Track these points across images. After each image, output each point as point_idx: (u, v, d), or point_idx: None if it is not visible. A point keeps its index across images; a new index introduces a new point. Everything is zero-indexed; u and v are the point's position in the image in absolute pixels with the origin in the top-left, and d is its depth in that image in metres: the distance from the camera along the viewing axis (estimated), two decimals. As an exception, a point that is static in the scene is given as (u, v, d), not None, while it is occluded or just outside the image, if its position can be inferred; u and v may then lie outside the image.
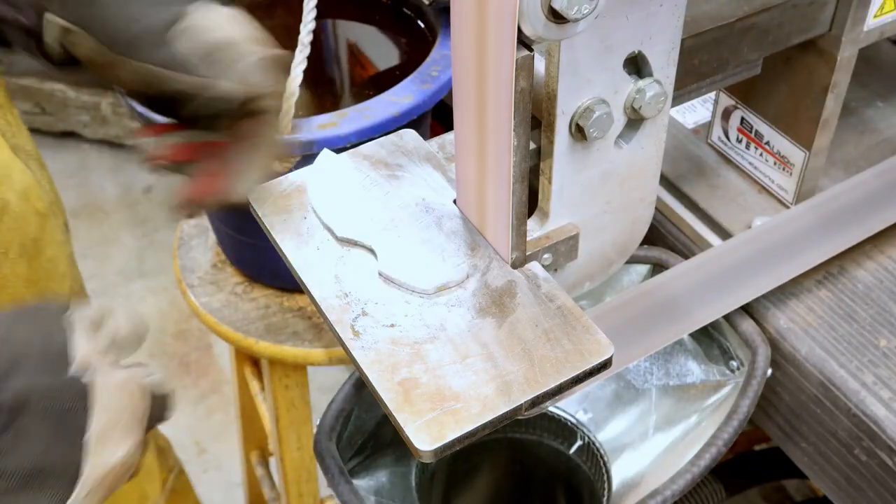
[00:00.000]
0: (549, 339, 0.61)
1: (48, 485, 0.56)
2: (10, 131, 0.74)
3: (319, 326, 1.26)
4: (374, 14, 1.26)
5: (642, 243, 0.79)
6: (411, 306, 0.64)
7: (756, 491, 1.63)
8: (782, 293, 0.88)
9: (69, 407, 0.57)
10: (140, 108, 0.88)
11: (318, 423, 0.89)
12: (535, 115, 0.64)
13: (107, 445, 0.58)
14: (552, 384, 0.59)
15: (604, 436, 0.97)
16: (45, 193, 0.78)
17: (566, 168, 0.67)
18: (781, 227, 0.88)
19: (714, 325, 0.88)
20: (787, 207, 0.94)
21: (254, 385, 1.48)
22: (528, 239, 0.68)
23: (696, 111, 1.07)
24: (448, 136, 0.78)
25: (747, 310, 0.87)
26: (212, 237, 1.39)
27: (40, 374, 0.57)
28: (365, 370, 0.60)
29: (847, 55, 0.84)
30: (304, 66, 0.92)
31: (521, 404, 0.58)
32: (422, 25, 1.22)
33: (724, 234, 0.94)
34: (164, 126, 0.71)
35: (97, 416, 0.58)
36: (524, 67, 0.57)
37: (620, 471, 0.93)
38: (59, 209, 0.83)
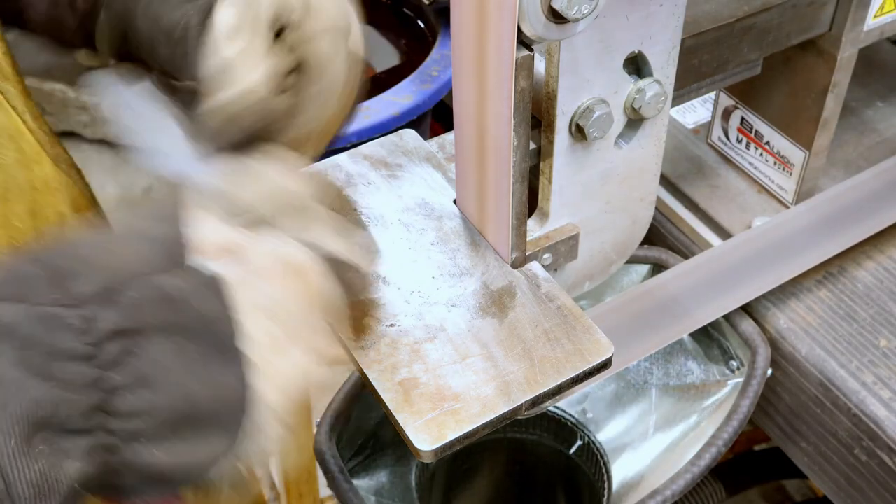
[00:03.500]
0: (549, 339, 0.61)
1: (203, 424, 0.43)
2: (48, 142, 0.72)
3: (319, 326, 1.26)
4: (375, 14, 1.26)
5: (642, 243, 0.79)
6: (411, 306, 0.64)
7: (756, 491, 1.63)
8: (782, 293, 0.88)
9: (198, 312, 0.44)
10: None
11: (318, 423, 0.89)
12: (535, 115, 0.64)
13: (276, 355, 0.45)
14: (552, 384, 0.59)
15: (604, 436, 0.97)
16: (88, 201, 0.77)
17: (566, 168, 0.67)
18: (781, 227, 0.88)
19: (714, 325, 0.88)
20: (787, 207, 0.94)
21: (254, 385, 1.48)
22: (528, 239, 0.68)
23: (696, 111, 1.07)
24: (448, 136, 0.78)
25: (747, 310, 0.87)
26: (212, 237, 1.39)
27: (146, 285, 0.43)
28: (365, 370, 0.60)
29: (847, 55, 0.84)
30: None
31: (521, 404, 0.58)
32: (422, 25, 1.22)
33: (724, 234, 0.94)
34: None
35: (248, 316, 0.44)
36: (524, 67, 0.57)
37: (620, 471, 0.93)
38: (100, 210, 0.77)
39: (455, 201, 0.72)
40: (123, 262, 0.44)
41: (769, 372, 0.86)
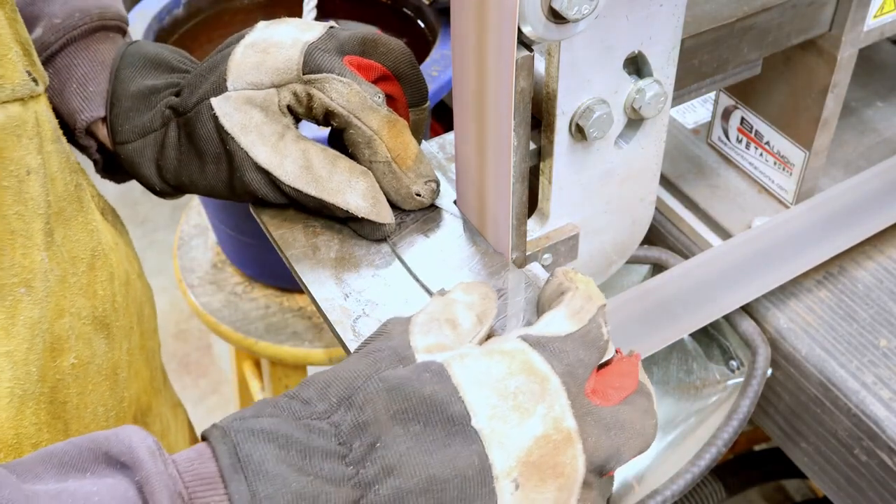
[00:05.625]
0: (549, 339, 0.61)
1: (451, 494, 0.46)
2: (97, 195, 0.72)
3: (319, 326, 1.26)
4: (375, 14, 1.26)
5: (642, 243, 0.79)
6: (410, 306, 0.64)
7: (756, 491, 1.63)
8: (782, 293, 0.88)
9: (422, 394, 0.47)
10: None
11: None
12: (535, 115, 0.64)
13: (504, 424, 0.48)
14: (552, 384, 0.59)
15: (604, 436, 0.97)
16: (132, 250, 0.77)
17: (566, 168, 0.67)
18: (781, 227, 0.88)
19: (714, 325, 0.88)
20: (787, 207, 0.94)
21: (254, 385, 1.49)
22: (528, 239, 0.68)
23: (696, 111, 1.07)
24: (448, 136, 0.78)
25: (747, 310, 0.87)
26: (212, 237, 1.39)
27: (373, 380, 0.48)
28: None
29: (847, 55, 0.84)
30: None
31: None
32: (422, 25, 1.22)
33: (724, 234, 0.94)
34: None
35: (469, 390, 0.48)
36: (524, 67, 0.57)
37: (620, 471, 0.93)
38: (137, 256, 0.80)
39: (455, 201, 0.72)
40: (355, 372, 0.49)
41: (769, 372, 0.86)
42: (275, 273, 1.28)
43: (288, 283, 1.29)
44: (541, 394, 0.49)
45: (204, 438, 0.47)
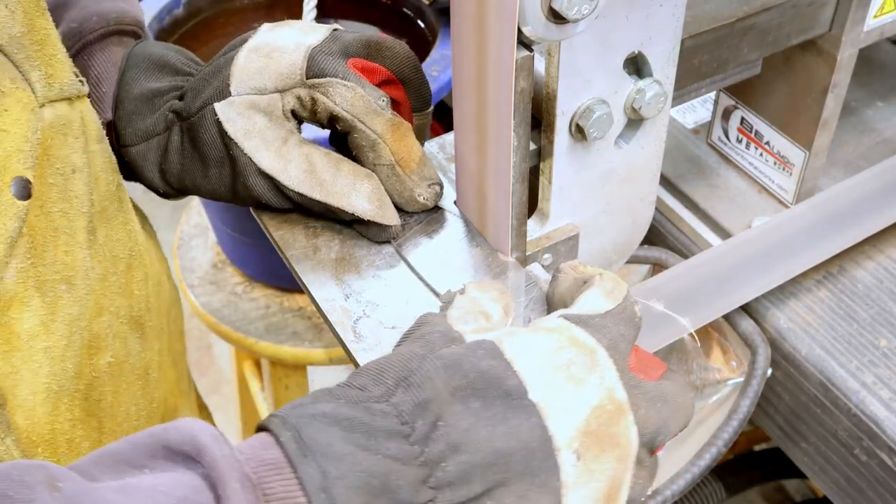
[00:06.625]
0: (549, 339, 0.61)
1: (517, 468, 0.46)
2: (129, 198, 0.72)
3: (319, 326, 1.26)
4: (375, 14, 1.26)
5: (642, 243, 0.79)
6: (411, 307, 0.64)
7: (756, 491, 1.63)
8: (782, 293, 0.88)
9: (478, 369, 0.48)
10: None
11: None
12: (535, 115, 0.64)
13: (558, 393, 0.48)
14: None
15: (604, 436, 0.97)
16: (161, 252, 0.77)
17: (566, 168, 0.67)
18: (781, 227, 0.88)
19: (714, 325, 0.88)
20: (787, 207, 0.94)
21: (254, 385, 1.49)
22: (528, 239, 0.68)
23: (696, 111, 1.07)
24: (448, 137, 0.78)
25: (747, 310, 0.87)
26: (212, 237, 1.39)
27: (428, 360, 0.48)
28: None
29: (847, 55, 0.84)
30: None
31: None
32: (422, 25, 1.22)
33: (724, 234, 0.94)
34: None
35: (521, 363, 0.48)
36: (524, 67, 0.57)
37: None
38: (166, 259, 0.80)
39: (455, 201, 0.72)
40: (409, 354, 0.49)
41: (769, 372, 0.86)
42: (275, 273, 1.29)
43: (288, 283, 1.29)
44: (592, 365, 0.49)
45: (260, 429, 0.47)
